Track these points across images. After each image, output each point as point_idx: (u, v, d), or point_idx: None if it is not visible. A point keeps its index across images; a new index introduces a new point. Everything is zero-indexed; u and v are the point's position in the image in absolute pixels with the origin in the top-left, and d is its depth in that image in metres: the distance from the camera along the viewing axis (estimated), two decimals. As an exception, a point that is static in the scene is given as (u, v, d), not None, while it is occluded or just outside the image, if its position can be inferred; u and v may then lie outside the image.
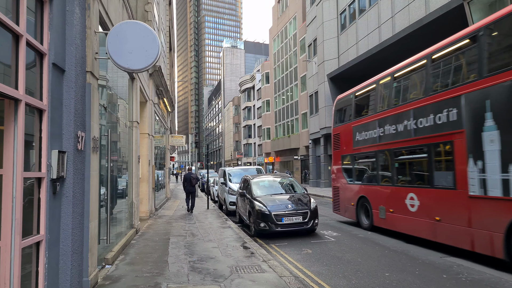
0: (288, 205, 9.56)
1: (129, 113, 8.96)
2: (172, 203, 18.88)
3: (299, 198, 10.05)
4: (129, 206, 8.94)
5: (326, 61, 29.25)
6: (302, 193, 10.47)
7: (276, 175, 11.90)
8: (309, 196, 10.32)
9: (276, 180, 11.39)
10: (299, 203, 9.73)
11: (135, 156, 9.17)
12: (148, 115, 12.27)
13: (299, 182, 35.26)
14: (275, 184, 11.15)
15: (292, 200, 9.86)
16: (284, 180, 11.37)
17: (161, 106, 16.25)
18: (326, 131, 29.53)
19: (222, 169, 17.32)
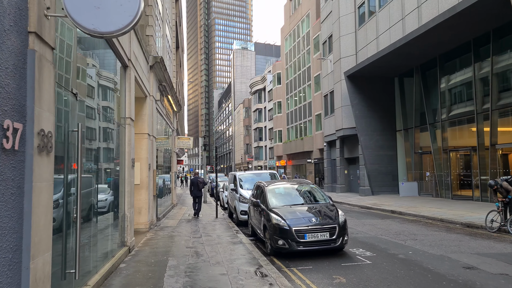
0: (312, 218, 7.90)
1: (119, 108, 7.43)
2: (178, 210, 17.35)
3: (324, 209, 8.39)
4: (120, 219, 7.40)
5: (343, 58, 27.53)
6: (327, 203, 8.80)
7: (294, 181, 10.23)
8: (335, 207, 8.64)
9: (295, 187, 9.71)
10: (324, 216, 8.07)
11: (128, 160, 7.63)
12: (148, 112, 10.76)
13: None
14: (294, 192, 9.48)
15: (316, 212, 8.20)
16: (304, 187, 9.70)
17: (165, 104, 14.76)
18: (342, 133, 27.78)
19: (232, 174, 15.74)
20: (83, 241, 4.75)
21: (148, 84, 10.79)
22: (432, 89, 22.04)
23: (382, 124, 25.59)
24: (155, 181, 11.23)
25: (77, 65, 4.87)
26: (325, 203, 8.80)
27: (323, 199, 9.07)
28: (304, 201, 8.99)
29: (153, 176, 11.22)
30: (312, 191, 9.49)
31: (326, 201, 8.97)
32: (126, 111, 7.64)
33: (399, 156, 25.59)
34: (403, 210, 16.18)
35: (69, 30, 4.59)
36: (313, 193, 9.42)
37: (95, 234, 5.61)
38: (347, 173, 29.93)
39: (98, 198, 5.69)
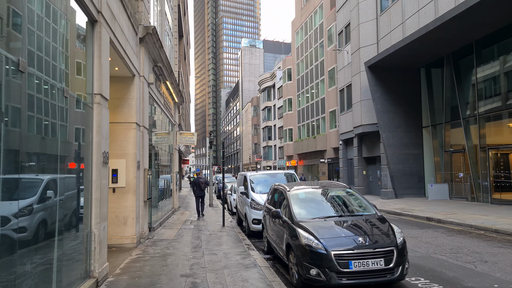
0: (358, 237, 5.56)
1: (85, 80, 5.18)
2: (179, 216, 15.10)
3: (371, 224, 6.04)
4: (84, 240, 5.14)
5: (362, 48, 25.10)
6: (374, 215, 6.44)
7: (323, 184, 7.84)
8: (387, 220, 6.28)
9: (327, 192, 7.30)
10: (375, 233, 5.73)
11: (98, 154, 5.37)
12: (137, 96, 8.51)
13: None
14: (326, 199, 7.09)
15: (362, 229, 5.86)
16: (338, 192, 7.30)
17: (163, 92, 12.52)
18: (361, 130, 25.33)
19: (241, 174, 13.44)
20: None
21: (137, 61, 8.54)
22: (467, 80, 19.51)
23: (406, 119, 23.11)
24: (146, 183, 8.99)
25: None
26: (370, 214, 6.44)
27: (366, 209, 6.70)
28: (342, 212, 6.61)
29: (144, 176, 8.97)
30: (349, 197, 7.11)
31: (371, 211, 6.60)
32: (95, 86, 5.38)
33: (426, 155, 23.08)
34: (441, 217, 13.77)
35: None
36: (352, 200, 7.03)
37: (36, 264, 3.36)
38: (366, 174, 27.46)
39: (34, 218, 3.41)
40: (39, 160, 3.88)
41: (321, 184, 7.79)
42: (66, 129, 4.51)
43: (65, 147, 4.56)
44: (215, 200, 23.68)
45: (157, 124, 12.92)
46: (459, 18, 15.62)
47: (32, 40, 3.69)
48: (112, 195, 8.09)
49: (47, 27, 4.03)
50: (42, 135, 3.94)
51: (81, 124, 5.07)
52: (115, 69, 7.70)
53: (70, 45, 4.73)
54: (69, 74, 4.59)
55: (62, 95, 4.29)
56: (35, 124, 3.76)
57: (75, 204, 4.92)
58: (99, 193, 5.34)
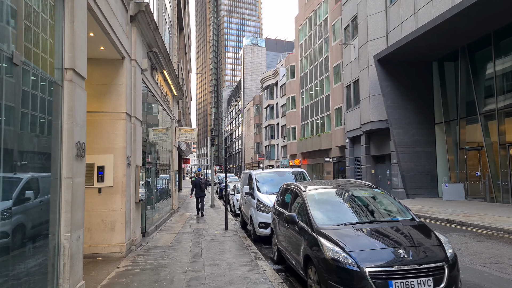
0: (398, 250, 4.41)
1: (51, 51, 4.06)
2: (178, 218, 13.97)
3: (410, 232, 4.88)
4: (51, 254, 4.02)
5: (371, 41, 23.94)
6: (410, 220, 5.29)
7: (343, 183, 6.68)
8: (429, 227, 5.13)
9: (351, 193, 6.15)
10: (416, 243, 4.58)
11: (69, 145, 4.25)
12: (128, 82, 7.39)
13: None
14: (350, 201, 5.93)
15: (399, 237, 4.71)
16: (363, 192, 6.12)
17: (160, 83, 11.40)
18: (370, 127, 24.16)
19: (246, 173, 12.30)
20: None
21: (128, 42, 7.41)
22: (485, 73, 18.32)
23: (418, 116, 21.94)
24: (138, 182, 7.85)
25: None
26: (407, 220, 5.29)
27: (400, 213, 5.54)
28: (372, 216, 5.45)
29: (136, 175, 7.84)
30: (378, 198, 5.95)
31: (407, 215, 5.44)
32: (66, 58, 4.26)
33: (439, 153, 21.90)
34: (463, 219, 12.62)
35: None
36: (382, 202, 5.86)
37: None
38: (374, 173, 26.29)
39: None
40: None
41: (341, 183, 6.64)
42: (17, 112, 3.38)
43: (23, 138, 3.45)
44: (216, 201, 22.55)
45: (154, 118, 11.81)
46: (476, 5, 14.46)
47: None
48: (97, 196, 6.97)
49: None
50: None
51: (45, 107, 3.94)
52: (100, 49, 6.58)
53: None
54: (23, 35, 3.46)
55: (10, 62, 3.16)
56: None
57: (39, 210, 3.80)
58: (71, 194, 4.21)
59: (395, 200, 5.82)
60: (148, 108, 10.29)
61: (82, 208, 4.64)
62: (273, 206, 8.03)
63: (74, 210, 4.31)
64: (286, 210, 6.83)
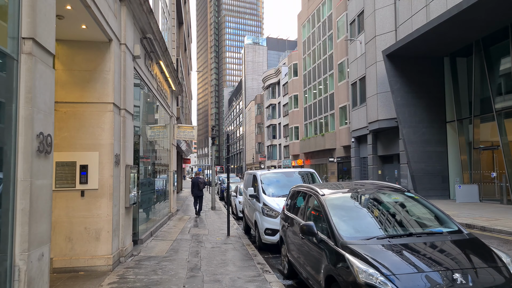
0: (454, 274, 3.42)
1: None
2: (176, 222, 13.00)
3: (461, 247, 3.88)
4: (2, 279, 3.04)
5: (378, 36, 22.97)
6: (458, 232, 4.28)
7: (367, 186, 5.65)
8: (481, 241, 4.14)
9: (378, 197, 5.14)
10: (474, 264, 3.58)
11: (27, 137, 3.28)
12: (116, 69, 6.43)
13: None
14: (379, 207, 4.94)
15: (450, 256, 3.71)
16: (393, 196, 5.10)
17: (155, 74, 10.43)
18: (377, 126, 23.17)
19: (250, 174, 11.32)
20: None
21: (116, 23, 6.45)
22: (501, 68, 17.32)
23: (429, 114, 20.94)
24: (129, 184, 6.87)
25: None
26: (453, 231, 4.29)
27: (443, 222, 4.54)
28: (411, 227, 4.43)
29: (126, 175, 6.86)
30: (412, 204, 4.94)
31: (451, 225, 4.44)
32: (24, 25, 3.28)
33: (451, 152, 20.89)
34: (484, 223, 11.65)
35: None
36: (417, 208, 4.85)
37: None
38: (381, 173, 25.31)
39: None
40: None
41: (363, 185, 5.65)
42: None
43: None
44: (217, 202, 21.58)
45: (149, 113, 10.85)
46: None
47: None
48: (80, 201, 6.01)
49: None
50: None
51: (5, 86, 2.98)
52: (81, 27, 5.62)
53: None
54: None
55: None
56: None
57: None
58: (29, 201, 3.24)
59: (433, 206, 4.83)
60: (142, 101, 9.32)
61: (47, 219, 3.66)
62: (282, 211, 7.06)
63: (34, 222, 3.34)
64: (297, 216, 5.87)
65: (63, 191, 5.96)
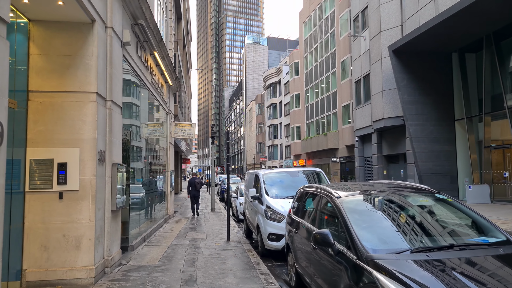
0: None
1: None
2: (173, 225, 12.24)
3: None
4: None
5: (384, 32, 22.22)
6: (506, 242, 3.52)
7: (387, 186, 4.84)
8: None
9: (404, 200, 4.33)
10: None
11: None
12: (100, 55, 5.68)
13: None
14: (407, 212, 4.14)
15: (506, 275, 2.95)
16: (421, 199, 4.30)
17: (149, 66, 9.67)
18: (383, 124, 22.41)
19: (251, 173, 10.55)
20: None
21: (100, 2, 5.69)
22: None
23: (437, 111, 20.15)
24: (115, 185, 6.11)
25: None
26: (501, 242, 3.51)
27: (486, 230, 3.77)
28: (448, 238, 3.64)
29: (113, 175, 6.10)
30: (446, 208, 4.17)
31: (497, 234, 3.65)
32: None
33: (460, 152, 20.10)
34: (502, 226, 10.84)
35: None
36: (452, 214, 4.08)
37: None
38: (386, 173, 24.53)
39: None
40: None
41: (383, 185, 4.89)
42: None
43: None
44: (217, 203, 20.84)
45: (142, 107, 10.10)
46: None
47: None
48: (58, 204, 5.26)
49: None
50: None
51: None
52: (57, 4, 4.86)
53: None
54: None
55: None
56: None
57: None
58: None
59: (471, 210, 4.06)
60: (135, 94, 8.57)
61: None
62: (288, 215, 6.31)
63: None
64: (307, 220, 5.12)
65: (38, 193, 5.21)
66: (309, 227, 4.86)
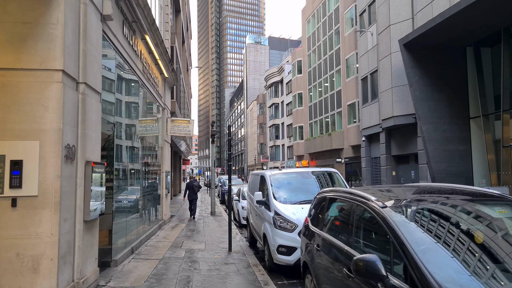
0: None
1: None
2: (168, 232, 11.03)
3: None
4: None
5: (393, 25, 21.05)
6: None
7: (441, 190, 3.67)
8: None
9: (482, 212, 3.15)
10: None
11: None
12: (68, 23, 4.49)
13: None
14: (491, 231, 2.97)
15: None
16: (500, 210, 3.20)
17: (140, 51, 8.48)
18: (392, 123, 21.22)
19: (257, 175, 9.34)
20: None
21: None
22: (537, 55, 15.36)
23: (450, 109, 18.95)
24: (90, 188, 4.91)
25: None
26: None
27: None
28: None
29: (87, 176, 4.90)
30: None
31: None
32: None
33: (475, 151, 18.89)
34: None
35: None
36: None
37: None
38: (396, 175, 23.33)
39: None
40: None
41: (435, 190, 3.68)
42: None
43: None
44: (218, 206, 19.65)
45: (129, 96, 8.92)
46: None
47: None
48: (10, 214, 4.07)
49: None
50: None
51: None
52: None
53: None
54: None
55: None
56: None
57: None
58: None
59: None
60: (121, 83, 7.38)
61: None
62: (305, 225, 5.12)
63: None
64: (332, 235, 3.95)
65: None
66: (338, 245, 3.68)
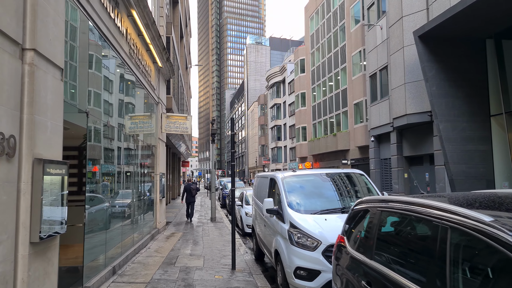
0: None
1: None
2: (162, 243, 9.61)
3: None
4: None
5: (406, 17, 19.70)
6: None
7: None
8: None
9: None
10: None
11: None
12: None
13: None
14: None
15: None
16: None
17: (126, 31, 7.10)
18: (405, 121, 19.83)
19: (265, 177, 7.92)
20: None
21: None
22: None
23: (470, 106, 17.57)
24: (40, 196, 3.54)
25: None
26: None
27: None
28: None
29: (36, 180, 3.52)
30: None
31: None
32: None
33: (496, 152, 17.49)
34: None
35: None
36: None
37: None
38: (408, 177, 21.92)
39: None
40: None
41: None
42: None
43: None
44: (218, 211, 18.24)
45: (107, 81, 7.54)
46: None
47: None
48: None
49: None
50: None
51: None
52: None
53: None
54: None
55: None
56: None
57: None
58: None
59: None
60: (97, 62, 5.99)
61: None
62: (338, 245, 3.74)
63: None
64: (395, 271, 2.55)
65: None
66: (401, 284, 2.27)
